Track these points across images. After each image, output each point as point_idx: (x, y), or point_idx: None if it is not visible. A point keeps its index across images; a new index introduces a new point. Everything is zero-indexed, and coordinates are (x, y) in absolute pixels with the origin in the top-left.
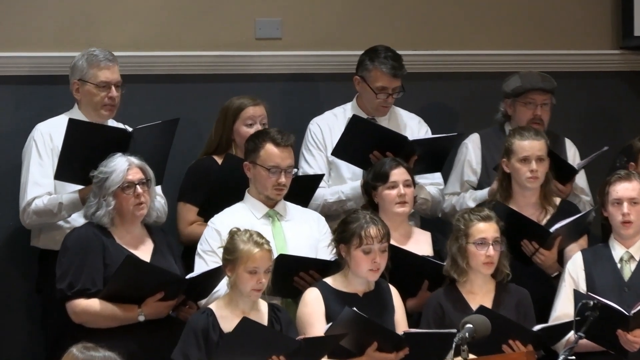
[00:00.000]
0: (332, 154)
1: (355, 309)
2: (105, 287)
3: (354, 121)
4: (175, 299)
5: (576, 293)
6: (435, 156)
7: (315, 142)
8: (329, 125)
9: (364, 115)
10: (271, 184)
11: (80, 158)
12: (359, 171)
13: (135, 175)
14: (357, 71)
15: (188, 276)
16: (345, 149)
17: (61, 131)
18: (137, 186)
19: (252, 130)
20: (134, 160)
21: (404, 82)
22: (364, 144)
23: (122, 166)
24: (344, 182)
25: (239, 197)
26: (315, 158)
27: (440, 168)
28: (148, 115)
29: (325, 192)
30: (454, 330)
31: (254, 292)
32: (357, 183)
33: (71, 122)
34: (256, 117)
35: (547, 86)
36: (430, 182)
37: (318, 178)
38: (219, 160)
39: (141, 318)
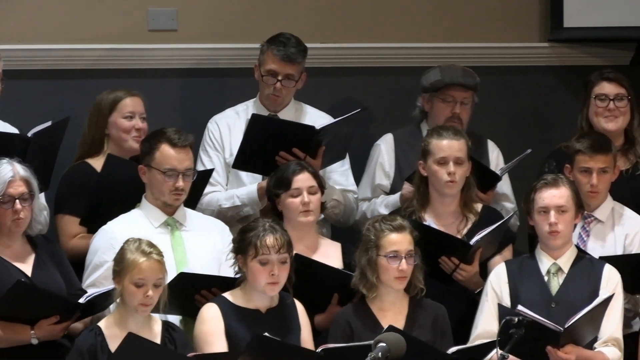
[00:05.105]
0: (234, 166)
1: (267, 334)
2: None
3: (253, 121)
4: (70, 320)
5: (501, 308)
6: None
7: (212, 142)
8: (228, 125)
9: (266, 112)
10: (168, 189)
11: None
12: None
13: (18, 188)
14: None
15: (82, 299)
16: (248, 157)
17: None
18: (17, 201)
19: (132, 123)
20: (20, 170)
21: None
22: (267, 146)
23: (4, 177)
24: (243, 185)
25: (126, 202)
26: (212, 159)
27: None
28: (28, 114)
29: (220, 197)
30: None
31: (141, 307)
32: (253, 187)
33: None
34: (135, 111)
35: (469, 82)
36: (343, 189)
37: (207, 174)
38: (94, 164)
39: (34, 341)
